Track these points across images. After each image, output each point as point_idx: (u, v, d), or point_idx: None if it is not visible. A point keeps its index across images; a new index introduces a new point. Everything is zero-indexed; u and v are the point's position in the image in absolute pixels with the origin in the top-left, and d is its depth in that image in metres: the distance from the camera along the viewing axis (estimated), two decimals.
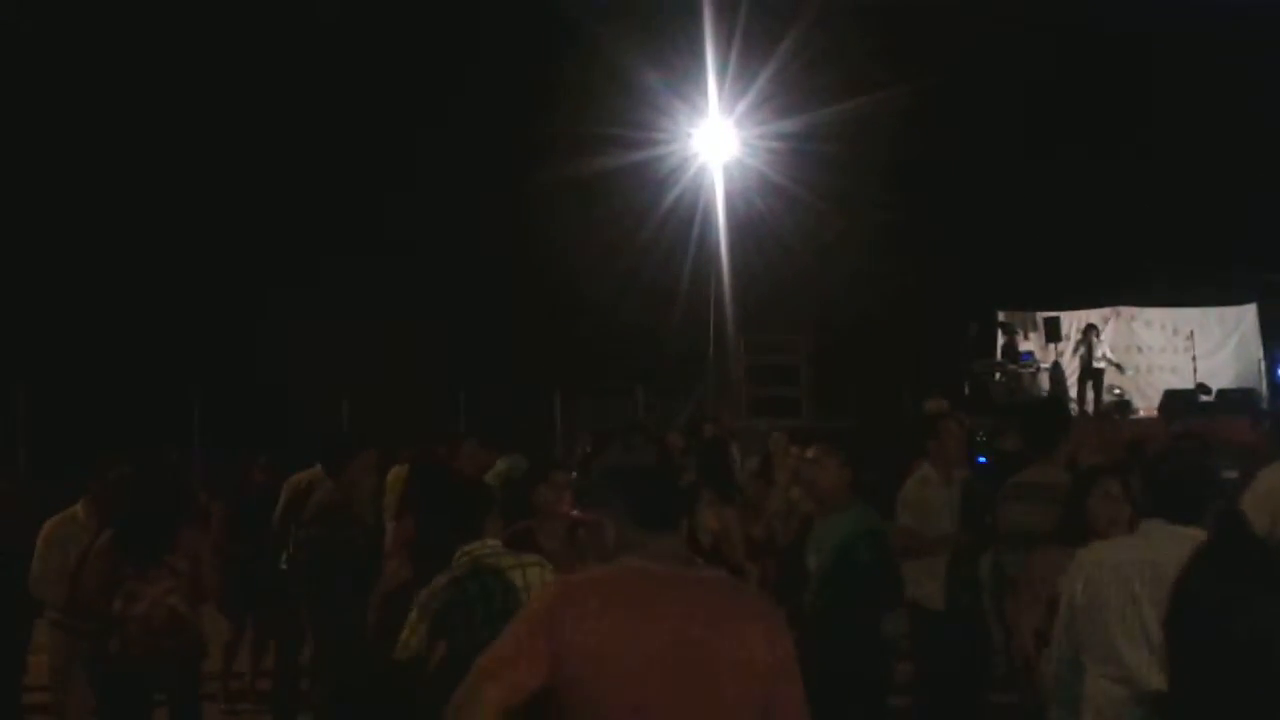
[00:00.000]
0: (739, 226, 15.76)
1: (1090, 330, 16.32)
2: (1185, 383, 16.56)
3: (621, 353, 16.21)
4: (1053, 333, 17.23)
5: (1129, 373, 16.92)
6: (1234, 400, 15.43)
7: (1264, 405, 15.61)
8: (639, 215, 16.05)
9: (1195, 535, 3.29)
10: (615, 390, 15.59)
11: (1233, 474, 6.39)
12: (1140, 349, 17.86)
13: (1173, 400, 15.49)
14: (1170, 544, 3.28)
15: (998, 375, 16.39)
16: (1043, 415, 6.11)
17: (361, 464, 5.37)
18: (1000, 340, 17.24)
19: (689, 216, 16.09)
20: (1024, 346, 17.26)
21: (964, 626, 5.72)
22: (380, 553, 5.32)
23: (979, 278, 17.02)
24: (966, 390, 16.10)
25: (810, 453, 5.36)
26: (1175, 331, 17.88)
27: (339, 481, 5.30)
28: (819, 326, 14.70)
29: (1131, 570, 3.34)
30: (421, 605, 3.59)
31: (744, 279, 15.47)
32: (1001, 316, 17.77)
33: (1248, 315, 18.18)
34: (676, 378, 15.51)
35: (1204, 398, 15.87)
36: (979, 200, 16.69)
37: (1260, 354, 17.85)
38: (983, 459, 10.12)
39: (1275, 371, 17.30)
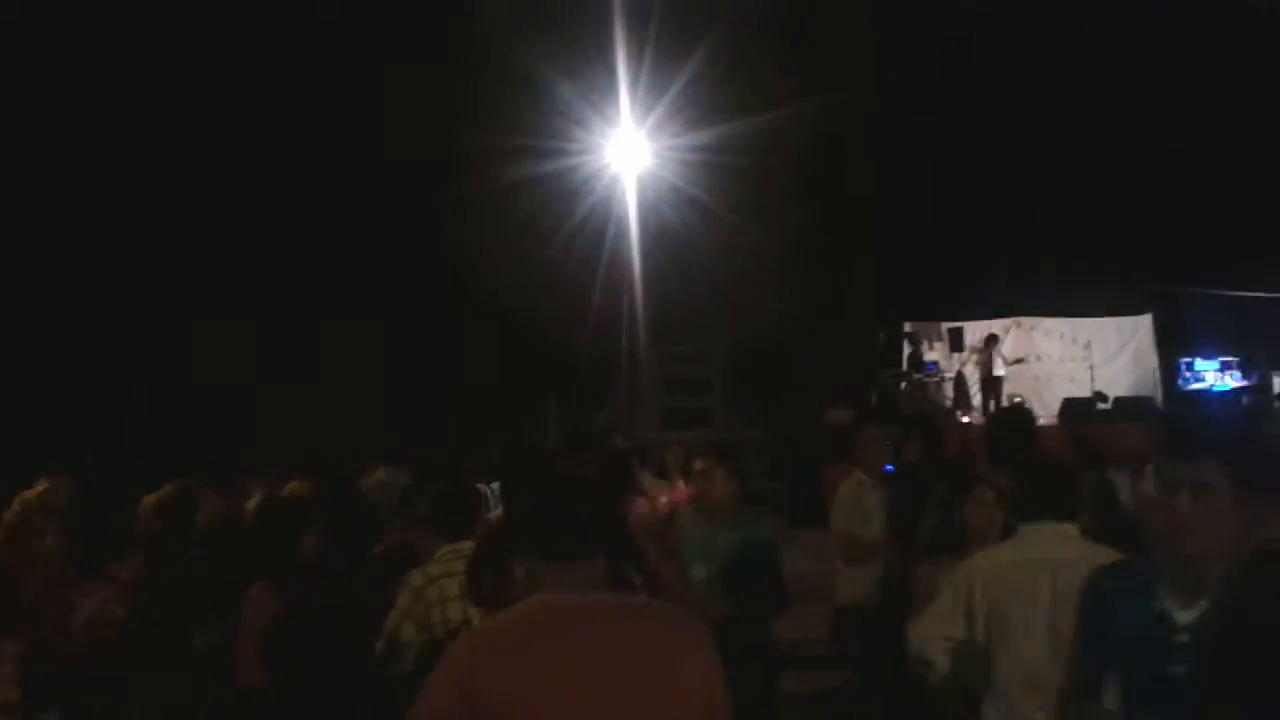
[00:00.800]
0: (652, 238, 15.80)
1: (991, 340, 16.74)
2: (1083, 391, 17.05)
3: (534, 364, 16.15)
4: (956, 343, 17.63)
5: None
6: (1130, 407, 15.91)
7: (1159, 412, 16.13)
8: (552, 227, 15.99)
9: (1073, 531, 3.57)
10: (526, 402, 15.52)
11: (1124, 476, 6.68)
12: (1040, 358, 18.37)
13: (1071, 408, 15.92)
14: (1059, 542, 3.49)
15: (903, 385, 16.71)
16: (1002, 427, 6.17)
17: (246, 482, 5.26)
18: (906, 350, 17.60)
19: (602, 228, 16.09)
20: (929, 356, 17.64)
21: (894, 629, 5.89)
22: None
23: (887, 289, 17.32)
24: (874, 400, 16.37)
25: (698, 465, 5.36)
26: (1074, 341, 18.43)
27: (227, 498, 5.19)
28: (731, 338, 14.80)
29: (1034, 569, 3.46)
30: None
31: (656, 291, 15.52)
32: (908, 327, 18.14)
33: (1143, 325, 18.80)
34: (589, 389, 15.48)
35: (1101, 405, 16.35)
36: (887, 213, 16.98)
37: (1155, 362, 18.47)
38: (889, 467, 10.34)
39: (1175, 380, 17.88)
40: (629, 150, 15.90)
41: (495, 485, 7.65)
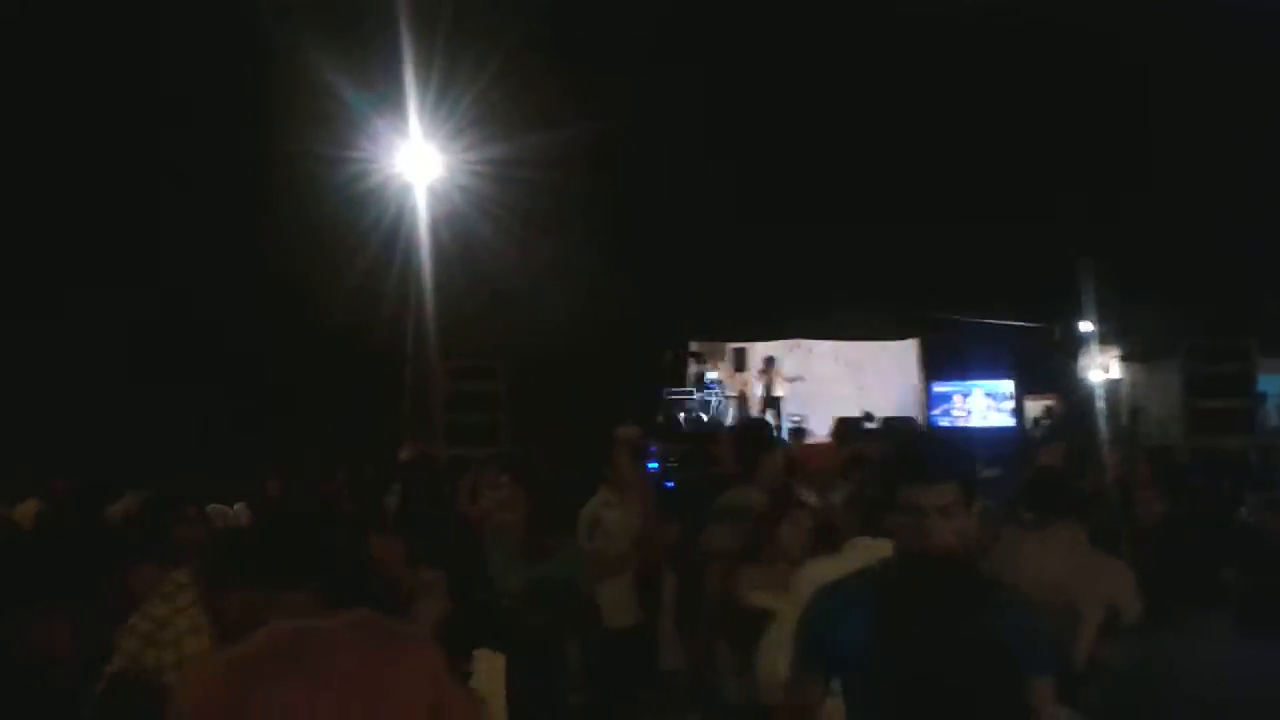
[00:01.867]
0: (444, 251, 15.53)
1: (770, 361, 17.35)
2: (854, 410, 17.90)
3: (319, 376, 15.61)
4: (739, 363, 18.18)
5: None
6: (895, 428, 16.79)
7: (920, 432, 17.11)
8: (340, 239, 15.56)
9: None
10: (309, 417, 14.98)
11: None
12: (816, 378, 19.18)
13: (843, 427, 16.65)
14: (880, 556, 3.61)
15: (688, 403, 17.06)
16: (745, 439, 6.40)
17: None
18: (692, 369, 18.00)
19: (391, 241, 15.72)
20: (712, 375, 18.11)
21: (640, 644, 5.99)
22: None
23: (675, 308, 17.69)
24: (661, 418, 16.63)
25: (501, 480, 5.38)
26: (846, 363, 19.36)
27: None
28: (522, 353, 14.71)
29: None
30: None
31: (447, 305, 15.26)
32: (694, 346, 18.58)
33: (910, 349, 19.97)
34: (374, 404, 15.07)
35: (869, 425, 17.20)
36: (676, 234, 17.36)
37: (919, 384, 19.67)
38: (670, 484, 10.53)
39: (934, 403, 19.08)
40: (419, 161, 15.58)
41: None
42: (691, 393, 17.47)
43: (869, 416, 17.67)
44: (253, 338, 15.99)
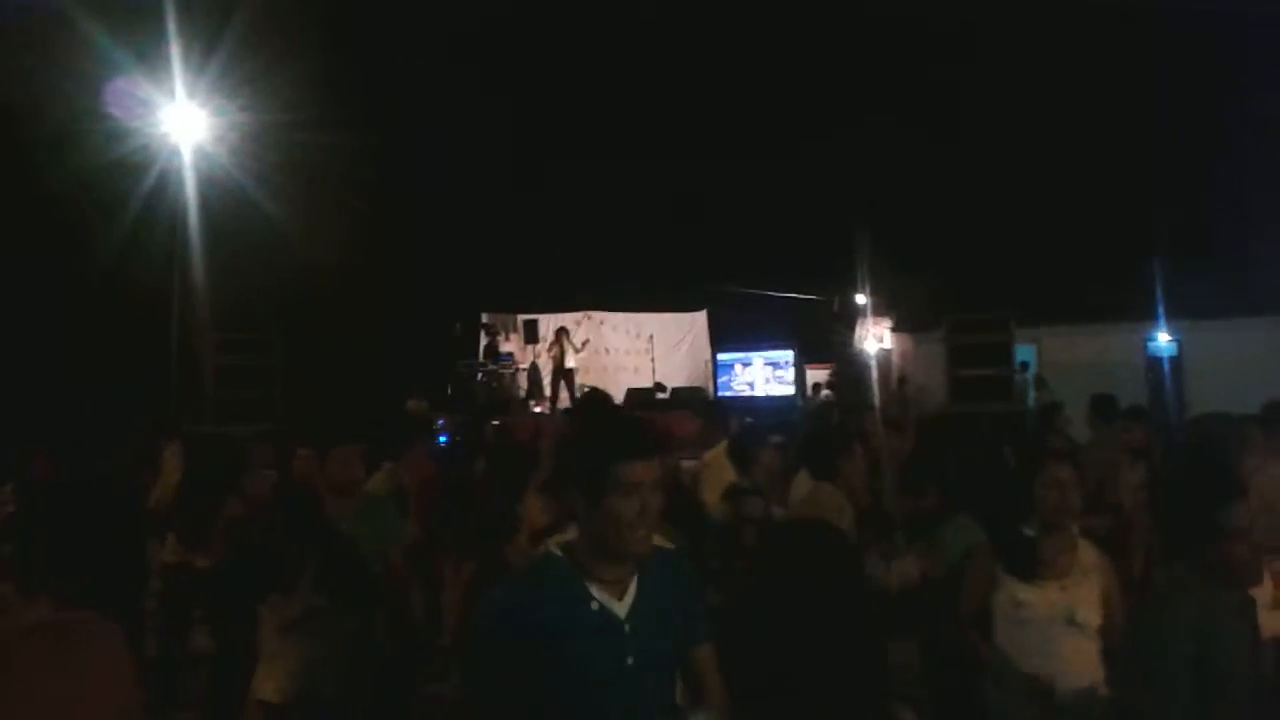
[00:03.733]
0: (211, 219, 14.66)
1: (562, 332, 17.30)
2: (645, 381, 18.13)
3: (77, 354, 14.50)
4: (531, 334, 18.06)
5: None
6: (684, 397, 17.11)
7: (709, 401, 17.50)
8: (99, 203, 14.44)
9: None
10: (71, 394, 13.89)
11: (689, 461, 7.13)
12: (608, 350, 19.30)
13: (634, 397, 16.85)
14: None
15: (479, 375, 16.83)
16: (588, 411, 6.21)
17: None
18: (483, 341, 17.75)
19: (155, 207, 14.72)
20: (505, 347, 17.92)
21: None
22: None
23: (464, 280, 17.37)
24: (450, 390, 16.33)
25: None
26: (638, 335, 19.57)
27: None
28: (299, 325, 14.10)
29: None
30: None
31: (217, 276, 14.45)
32: (485, 318, 18.34)
33: (699, 321, 20.38)
34: (139, 381, 14.11)
35: (660, 395, 17.47)
36: (465, 205, 17.03)
37: (708, 355, 20.11)
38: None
39: (719, 372, 19.54)
40: (184, 122, 14.64)
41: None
42: (485, 364, 17.24)
43: (660, 387, 17.94)
44: (10, 309, 14.66)
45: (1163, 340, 18.50)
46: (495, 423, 11.52)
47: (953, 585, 3.97)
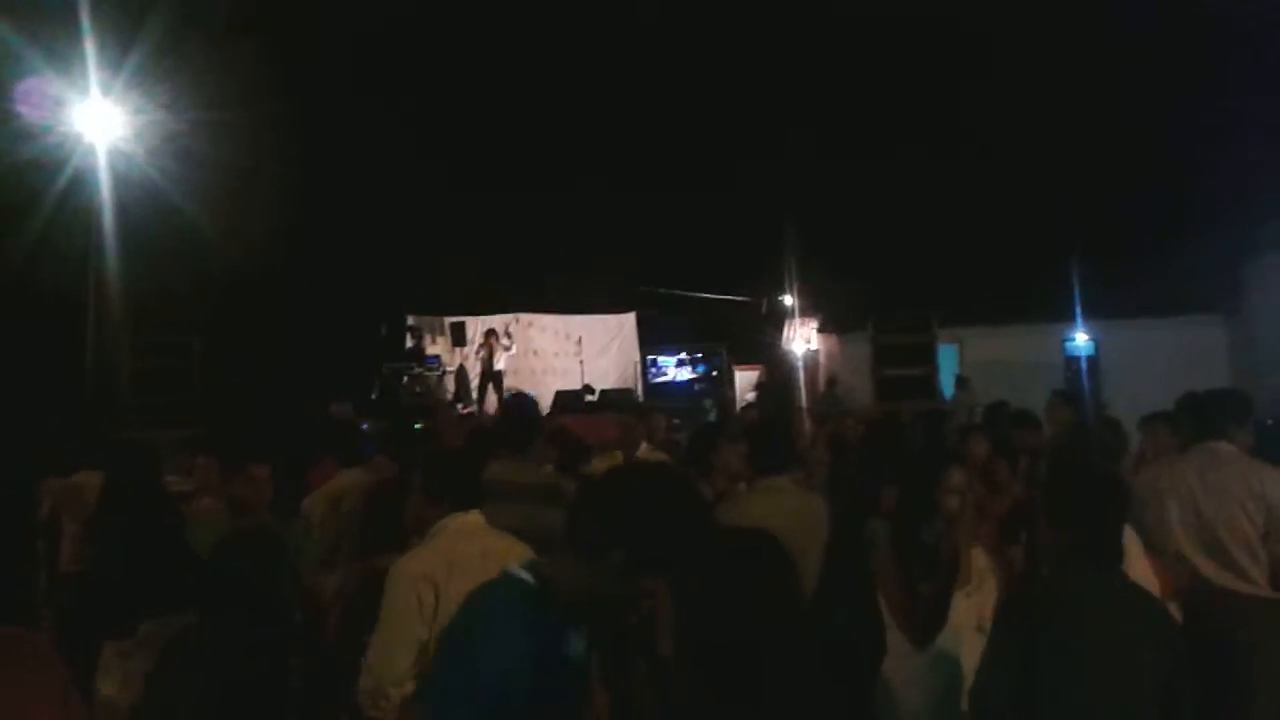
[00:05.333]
0: (128, 218, 14.29)
1: (490, 335, 17.19)
2: (574, 384, 18.08)
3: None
4: (458, 337, 17.92)
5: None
6: (613, 399, 17.12)
7: (637, 403, 17.52)
8: (15, 212, 14.01)
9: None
10: None
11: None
12: (536, 352, 19.21)
13: (562, 399, 16.80)
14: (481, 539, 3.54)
15: (405, 378, 16.65)
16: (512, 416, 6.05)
17: None
18: (409, 343, 17.56)
19: (69, 207, 14.30)
20: (431, 350, 17.75)
21: None
22: None
23: (390, 281, 17.18)
24: (375, 393, 16.13)
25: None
26: (567, 337, 19.52)
27: None
28: (219, 330, 13.83)
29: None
30: None
31: (134, 277, 14.09)
32: (411, 320, 18.13)
33: (628, 323, 20.38)
34: (52, 387, 13.70)
35: (589, 397, 17.44)
36: (391, 206, 16.84)
37: (637, 357, 20.13)
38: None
39: (647, 372, 19.59)
40: (101, 126, 14.24)
41: None
42: (412, 367, 17.05)
43: (589, 389, 17.90)
44: None
45: (1080, 340, 18.97)
46: (419, 426, 11.39)
47: None
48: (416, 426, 12.28)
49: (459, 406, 16.80)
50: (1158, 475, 4.75)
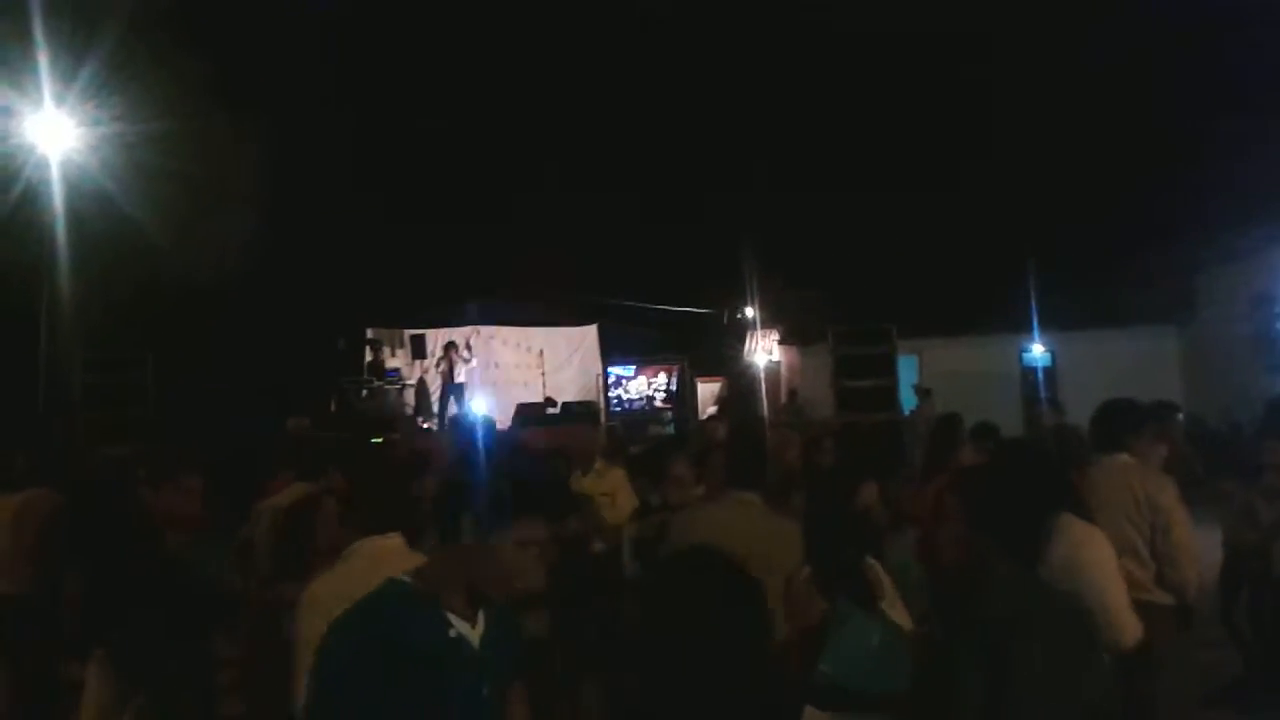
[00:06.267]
0: (82, 231, 14.10)
1: (450, 347, 17.06)
2: (536, 396, 17.99)
3: None
4: (418, 350, 17.78)
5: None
6: (575, 412, 17.03)
7: (599, 415, 17.47)
8: None
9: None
10: None
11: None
12: (498, 365, 19.10)
13: (524, 412, 16.71)
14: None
15: (364, 391, 16.49)
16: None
17: None
18: (368, 357, 17.40)
19: (24, 227, 14.10)
20: (391, 363, 17.59)
21: None
22: None
23: (348, 294, 17.05)
24: (333, 406, 15.97)
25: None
26: (528, 349, 19.41)
27: None
28: (174, 344, 13.64)
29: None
30: None
31: (88, 290, 13.91)
32: (370, 333, 17.97)
33: (589, 335, 20.32)
34: (4, 401, 13.47)
35: (551, 410, 17.34)
36: (350, 218, 16.74)
37: (599, 369, 20.05)
38: None
39: (609, 387, 19.53)
40: (51, 131, 14.06)
41: None
42: (370, 380, 16.89)
43: (551, 402, 17.81)
44: None
45: (1037, 351, 19.16)
46: (377, 440, 11.33)
47: None
48: (375, 440, 12.25)
49: (419, 420, 16.68)
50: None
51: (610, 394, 19.18)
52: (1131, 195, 17.21)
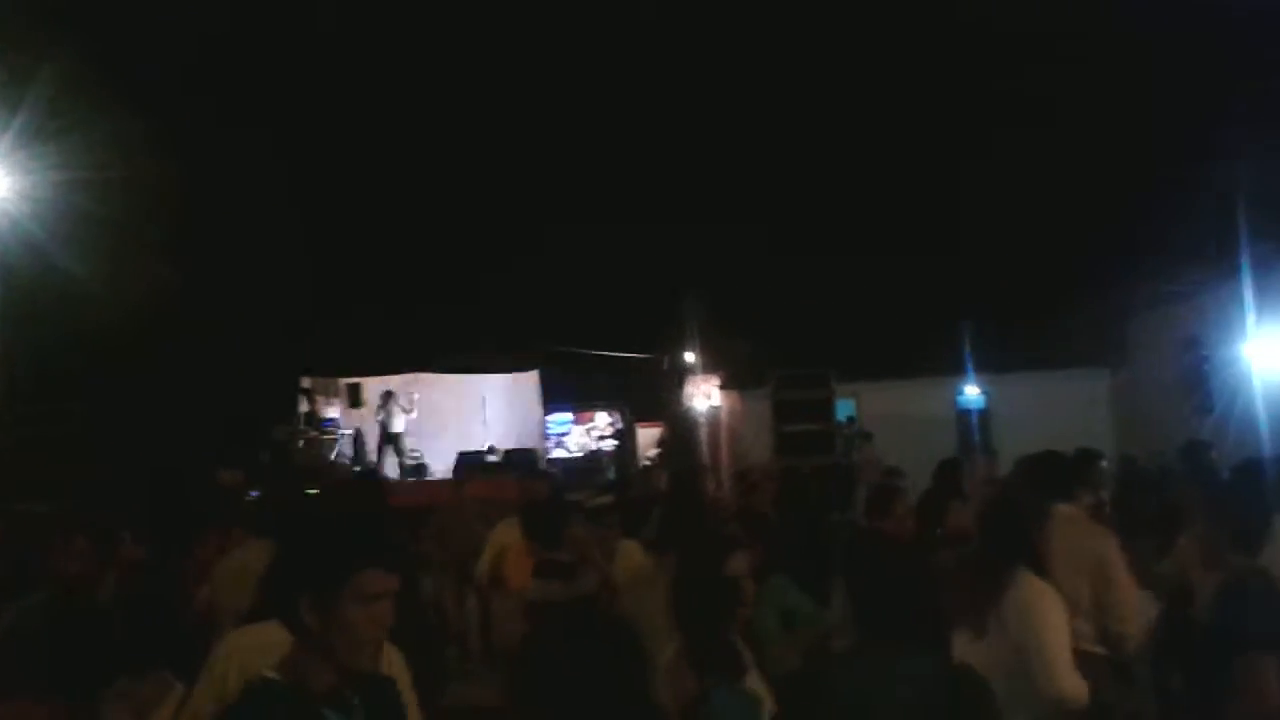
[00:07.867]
0: (10, 287, 13.82)
1: (389, 396, 16.93)
2: (477, 444, 17.88)
3: None
4: (355, 399, 17.61)
5: None
6: (517, 460, 16.94)
7: (540, 464, 17.40)
8: None
9: None
10: None
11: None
12: (437, 413, 18.95)
13: (465, 461, 16.60)
14: None
15: (300, 442, 16.28)
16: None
17: None
18: (303, 406, 17.19)
19: None
20: (327, 412, 17.40)
21: None
22: None
23: (283, 343, 16.83)
24: (267, 458, 15.73)
25: None
26: (468, 396, 19.29)
27: None
28: (103, 395, 13.38)
29: None
30: None
31: (13, 344, 13.60)
32: (306, 383, 17.75)
33: (530, 380, 20.25)
34: None
35: (491, 459, 17.25)
36: (284, 266, 16.55)
37: (540, 415, 20.00)
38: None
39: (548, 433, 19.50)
40: None
41: None
42: (306, 431, 16.68)
43: (491, 450, 17.72)
44: None
45: (971, 393, 19.45)
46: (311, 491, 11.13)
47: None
48: (310, 491, 12.04)
49: (355, 470, 16.49)
50: None
51: (548, 441, 19.17)
52: (1066, 242, 17.59)
